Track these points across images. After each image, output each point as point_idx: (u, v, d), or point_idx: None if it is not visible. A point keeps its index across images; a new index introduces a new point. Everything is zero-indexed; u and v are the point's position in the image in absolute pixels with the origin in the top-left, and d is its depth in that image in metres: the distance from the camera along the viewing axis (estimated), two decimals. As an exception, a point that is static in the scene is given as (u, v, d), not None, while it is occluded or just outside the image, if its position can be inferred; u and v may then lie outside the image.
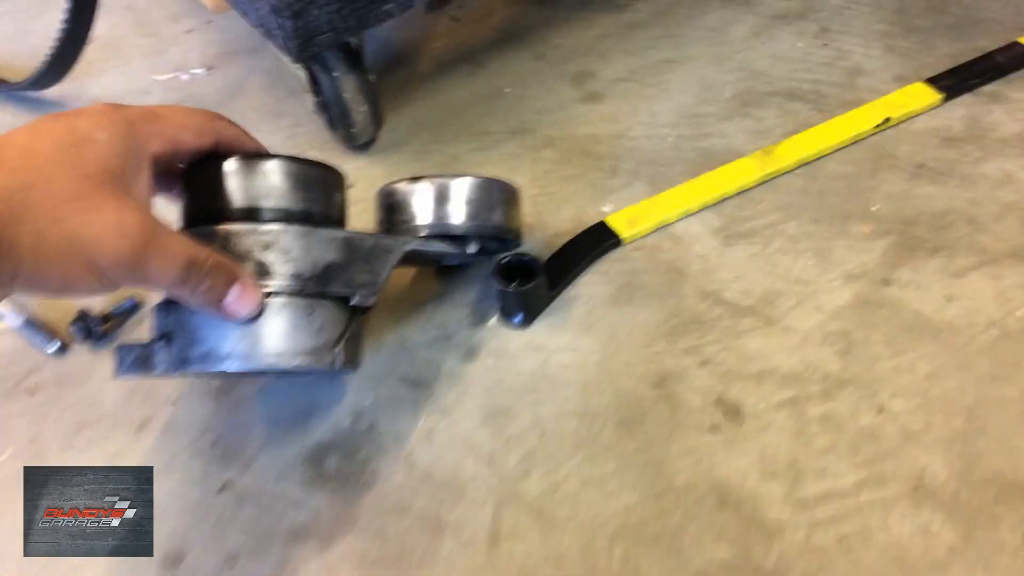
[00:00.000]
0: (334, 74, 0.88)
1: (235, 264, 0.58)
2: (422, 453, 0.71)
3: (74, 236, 0.48)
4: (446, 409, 0.73)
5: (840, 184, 0.86)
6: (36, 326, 0.80)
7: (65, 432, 0.73)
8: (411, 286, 0.82)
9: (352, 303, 0.65)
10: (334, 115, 0.91)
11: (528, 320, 0.78)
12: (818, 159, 0.89)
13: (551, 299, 0.80)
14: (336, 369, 0.64)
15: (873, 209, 0.84)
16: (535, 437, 0.71)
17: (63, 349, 0.80)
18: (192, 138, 0.60)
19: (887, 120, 0.90)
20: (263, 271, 0.60)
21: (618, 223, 0.84)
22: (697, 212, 0.85)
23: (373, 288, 0.66)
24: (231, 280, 0.57)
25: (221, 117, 0.62)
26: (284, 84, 1.04)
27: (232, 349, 0.60)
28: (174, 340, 0.61)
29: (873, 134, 0.90)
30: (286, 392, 0.75)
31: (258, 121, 1.00)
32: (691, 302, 0.78)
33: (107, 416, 0.75)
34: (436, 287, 0.82)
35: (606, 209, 0.87)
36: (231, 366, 0.60)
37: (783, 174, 0.88)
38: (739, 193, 0.86)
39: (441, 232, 0.72)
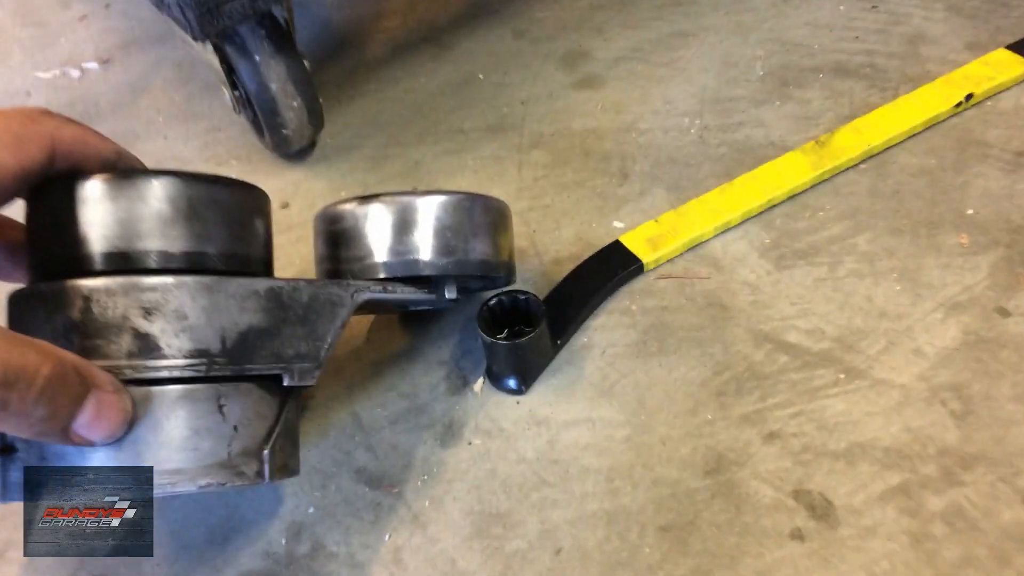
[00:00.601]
0: (255, 58, 0.67)
1: (85, 366, 0.38)
2: (388, 588, 0.50)
3: None
4: (420, 518, 0.53)
5: (920, 182, 0.67)
6: None
7: None
8: (367, 340, 0.62)
9: (285, 383, 0.45)
10: (259, 113, 0.70)
11: (526, 383, 0.58)
12: (885, 150, 0.69)
13: (555, 352, 0.59)
14: (264, 483, 0.44)
15: (968, 213, 0.64)
16: (547, 556, 0.50)
17: None
18: (9, 156, 0.40)
19: (969, 97, 0.71)
20: (146, 348, 0.41)
21: (636, 243, 0.64)
22: (738, 225, 0.65)
23: (315, 360, 0.46)
24: (81, 394, 0.38)
25: (52, 114, 0.42)
26: (198, 79, 0.83)
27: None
28: (18, 454, 0.42)
29: (952, 116, 0.71)
30: (197, 501, 0.54)
31: (166, 125, 0.79)
32: (744, 348, 0.58)
33: (-57, 547, 0.53)
34: (401, 340, 0.61)
35: (618, 225, 0.67)
36: None
37: (843, 171, 0.68)
38: (790, 198, 0.67)
39: (407, 273, 0.51)
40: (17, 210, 0.45)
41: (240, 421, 0.43)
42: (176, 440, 0.41)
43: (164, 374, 0.41)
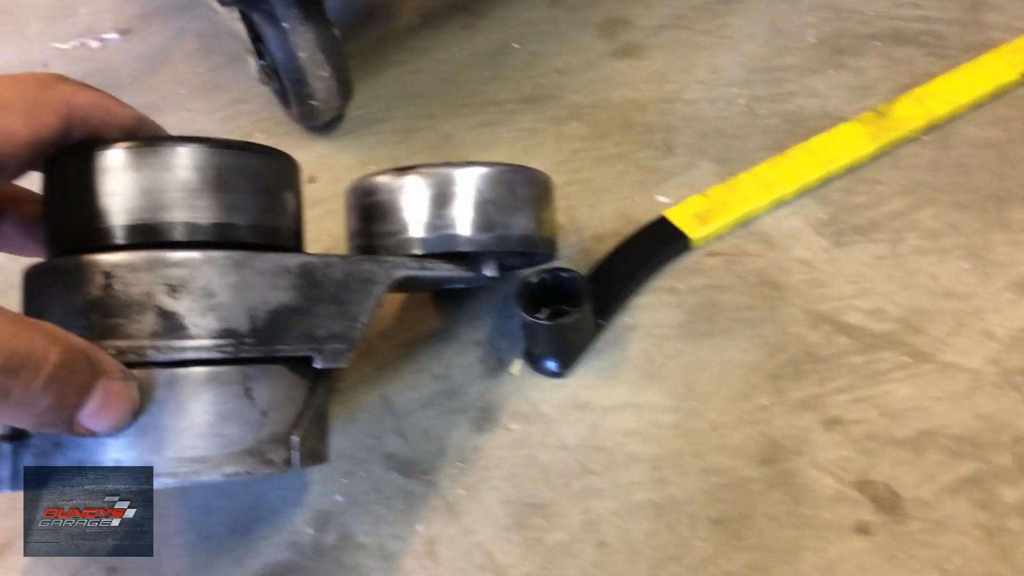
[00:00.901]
0: (283, 25, 0.63)
1: (93, 351, 0.36)
2: (422, 581, 0.47)
3: None
4: (454, 507, 0.49)
5: (987, 154, 0.62)
6: None
7: None
8: (397, 320, 0.58)
9: (316, 366, 0.42)
10: (287, 84, 0.66)
11: (567, 365, 0.54)
12: (949, 122, 0.65)
13: (598, 332, 0.56)
14: (293, 470, 0.41)
15: (1040, 187, 0.60)
16: (591, 549, 0.47)
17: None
18: (22, 123, 0.37)
19: (1039, 65, 0.66)
20: (171, 327, 0.38)
21: (683, 218, 0.60)
22: (792, 200, 0.61)
23: (348, 341, 0.43)
24: (89, 383, 0.35)
25: (66, 79, 0.40)
26: (222, 49, 0.80)
27: (122, 456, 0.38)
28: (30, 440, 0.39)
29: (1019, 85, 0.67)
30: (218, 488, 0.51)
31: (188, 97, 0.76)
32: (800, 329, 0.54)
33: (-44, 532, 0.51)
34: (433, 320, 0.58)
35: (663, 200, 0.63)
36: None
37: (904, 143, 0.64)
38: (847, 171, 0.62)
39: (445, 249, 0.48)
40: (33, 182, 0.42)
41: (269, 406, 0.40)
42: (201, 425, 0.38)
43: (189, 355, 0.38)
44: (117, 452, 0.37)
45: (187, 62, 0.79)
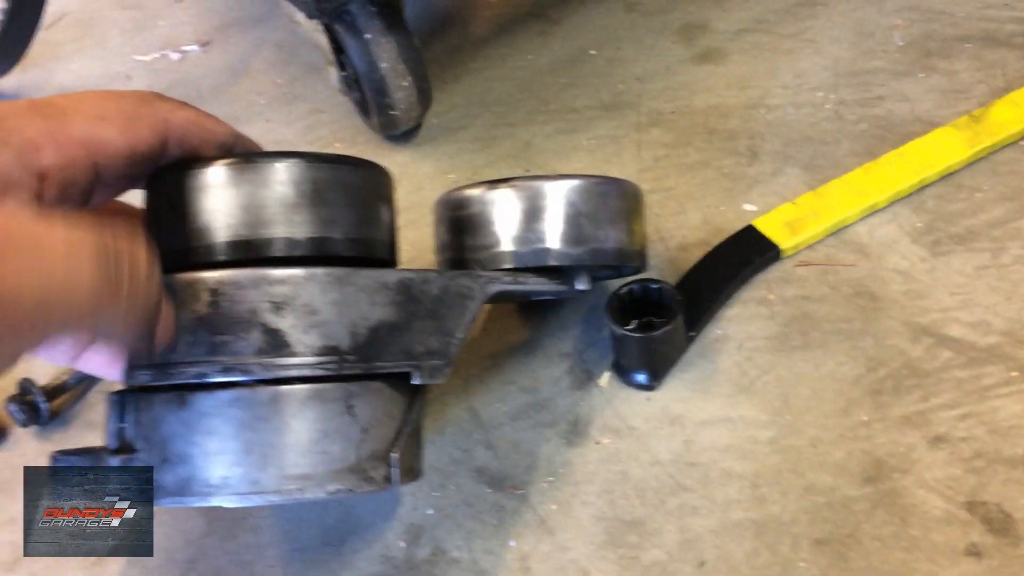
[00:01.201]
0: (366, 36, 0.64)
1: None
2: (517, 598, 0.46)
3: None
4: (547, 522, 0.49)
5: (1092, 159, 0.60)
6: (-34, 404, 0.58)
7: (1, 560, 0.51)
8: (484, 332, 0.58)
9: (414, 382, 0.42)
10: (368, 94, 0.67)
11: (657, 377, 0.54)
12: (1049, 125, 0.62)
13: (688, 344, 0.55)
14: (392, 487, 0.41)
15: None
16: (690, 569, 0.46)
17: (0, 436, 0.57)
18: (118, 134, 0.37)
19: None
20: (276, 344, 0.38)
21: (773, 227, 0.59)
22: (885, 207, 0.60)
23: (444, 357, 0.42)
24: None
25: (164, 98, 0.40)
26: (299, 60, 0.80)
27: (229, 473, 0.38)
28: (138, 455, 0.39)
29: (1124, 86, 0.64)
30: (310, 502, 0.51)
31: (268, 108, 0.77)
32: (900, 342, 0.53)
33: (55, 540, 0.52)
34: (519, 331, 0.58)
35: (750, 208, 0.61)
36: (227, 499, 0.38)
37: (1002, 148, 0.62)
38: (942, 178, 0.60)
39: (537, 263, 0.47)
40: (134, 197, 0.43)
41: (369, 423, 0.40)
42: (305, 443, 0.38)
43: (293, 372, 0.38)
44: (224, 469, 0.38)
45: (266, 73, 0.80)
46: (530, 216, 0.47)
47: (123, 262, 0.32)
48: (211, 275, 0.38)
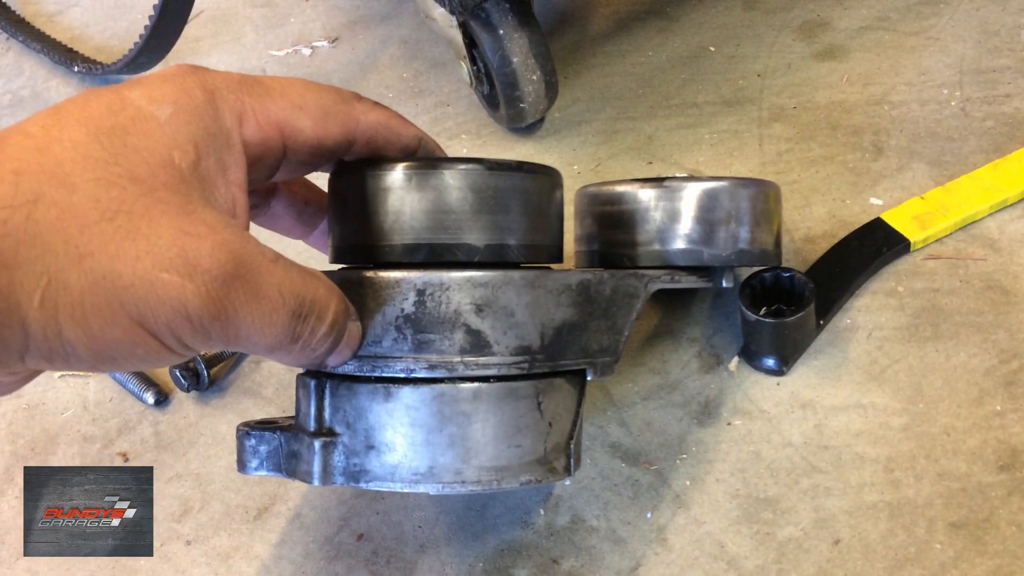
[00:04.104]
0: (499, 32, 0.66)
1: (340, 293, 0.39)
2: (656, 565, 0.48)
3: (107, 279, 0.30)
4: (682, 497, 0.51)
5: None
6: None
7: (164, 516, 0.55)
8: (615, 315, 0.60)
9: (589, 378, 0.45)
10: (499, 87, 0.69)
11: (787, 363, 0.55)
12: None
13: (817, 332, 0.56)
14: (570, 477, 0.45)
15: None
16: (825, 547, 0.47)
17: (162, 400, 0.61)
18: (311, 125, 0.39)
19: None
20: (478, 344, 0.40)
21: (901, 221, 0.59)
22: (1016, 203, 0.60)
23: (614, 354, 0.45)
24: (346, 322, 0.39)
25: (361, 98, 0.42)
26: (424, 55, 0.84)
27: (434, 463, 0.41)
28: (339, 439, 0.41)
29: None
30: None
31: (395, 101, 0.80)
32: (1033, 336, 0.53)
33: (217, 496, 0.56)
34: (648, 317, 0.60)
35: (876, 202, 0.62)
36: (433, 487, 0.41)
37: None
38: (1075, 175, 0.60)
39: (689, 262, 0.50)
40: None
41: (553, 417, 0.43)
42: (502, 437, 0.41)
43: (493, 371, 0.41)
44: (430, 460, 0.40)
45: (393, 68, 0.83)
46: (683, 217, 0.49)
47: (311, 316, 0.36)
48: (417, 275, 0.40)
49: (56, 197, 0.29)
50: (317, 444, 0.41)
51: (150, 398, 0.61)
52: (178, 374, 0.60)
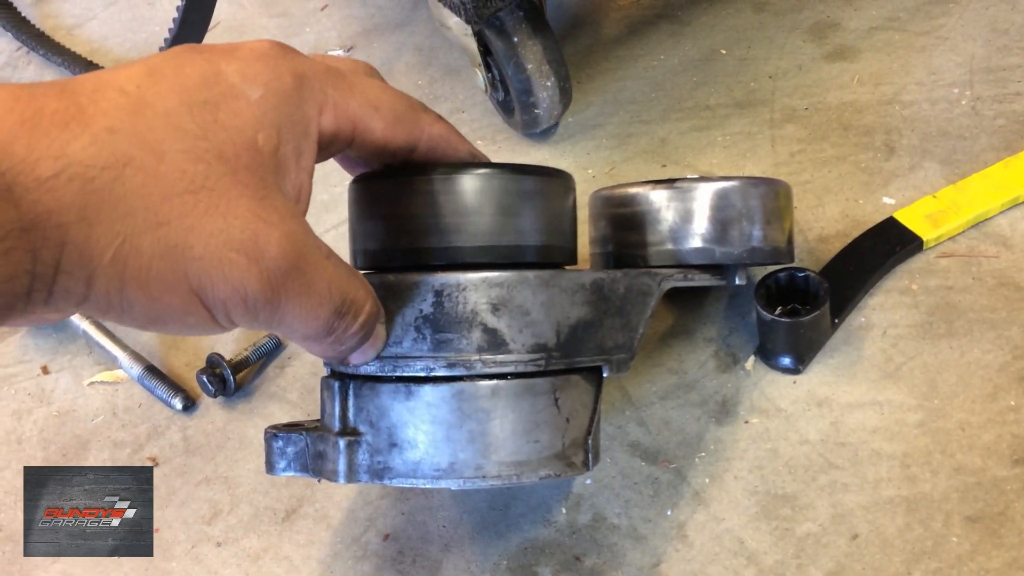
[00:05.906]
0: (513, 40, 0.67)
1: (375, 296, 0.40)
2: (676, 562, 0.49)
3: (178, 249, 0.31)
4: (701, 495, 0.52)
5: None
6: (158, 376, 0.64)
7: (195, 519, 0.56)
8: (632, 316, 0.61)
9: (604, 375, 0.46)
10: (513, 94, 0.71)
11: (803, 362, 0.56)
12: None
13: (832, 331, 0.57)
14: (588, 471, 0.46)
15: None
16: (843, 541, 0.48)
17: (190, 405, 0.63)
18: (382, 127, 0.41)
19: None
20: (495, 343, 0.42)
21: (913, 220, 0.60)
22: (1028, 201, 0.61)
23: (629, 351, 0.46)
24: (376, 324, 0.41)
25: (428, 110, 0.43)
26: (439, 62, 0.85)
27: (455, 459, 0.42)
28: (363, 437, 0.43)
29: None
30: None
31: (411, 108, 0.81)
32: (1046, 332, 0.54)
33: (245, 499, 0.57)
34: (663, 316, 0.61)
35: (888, 201, 0.63)
36: (454, 482, 0.42)
37: None
38: (1086, 172, 0.61)
39: (701, 261, 0.51)
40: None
41: (570, 413, 0.44)
42: (521, 432, 0.42)
43: (510, 368, 0.42)
44: (451, 456, 0.41)
45: (408, 75, 0.85)
46: (695, 216, 0.50)
47: (349, 315, 0.38)
48: (435, 277, 0.41)
49: (145, 163, 0.30)
50: (342, 443, 0.42)
51: (178, 404, 0.62)
52: (205, 380, 0.61)
